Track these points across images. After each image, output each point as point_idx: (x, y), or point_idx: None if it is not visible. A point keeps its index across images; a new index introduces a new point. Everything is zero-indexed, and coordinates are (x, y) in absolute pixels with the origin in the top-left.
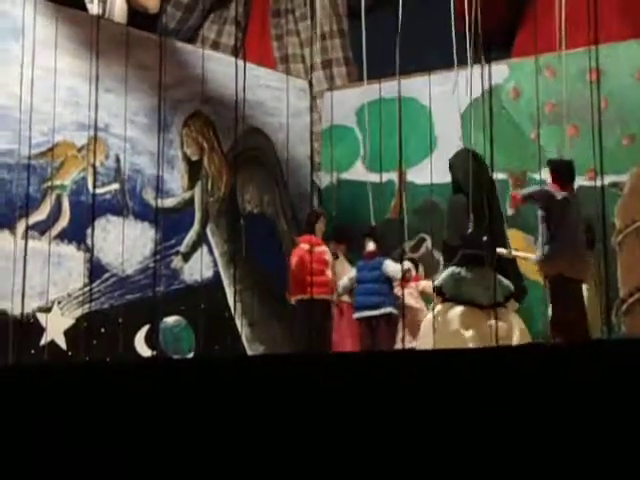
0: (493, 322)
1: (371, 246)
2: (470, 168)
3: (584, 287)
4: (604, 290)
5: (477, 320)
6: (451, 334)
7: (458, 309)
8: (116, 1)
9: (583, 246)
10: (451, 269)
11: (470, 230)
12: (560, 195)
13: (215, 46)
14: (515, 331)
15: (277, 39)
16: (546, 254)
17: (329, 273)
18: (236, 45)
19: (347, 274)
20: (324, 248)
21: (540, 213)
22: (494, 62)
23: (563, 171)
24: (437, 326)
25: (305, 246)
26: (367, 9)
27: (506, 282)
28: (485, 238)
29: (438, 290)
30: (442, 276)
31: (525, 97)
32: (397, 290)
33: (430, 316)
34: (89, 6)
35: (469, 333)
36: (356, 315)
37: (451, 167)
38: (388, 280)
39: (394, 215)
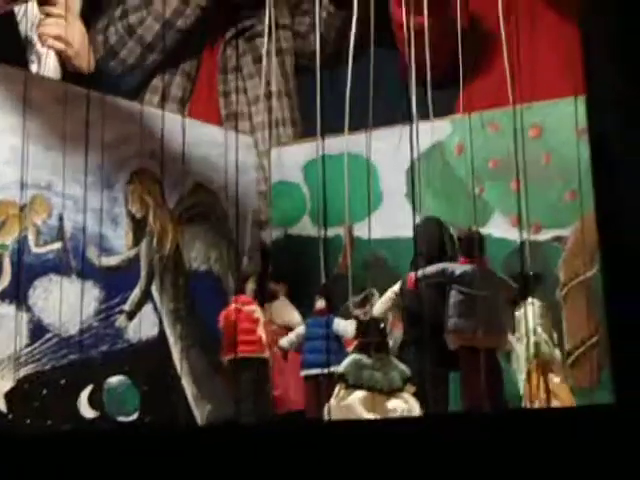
0: (392, 405)
1: (321, 303)
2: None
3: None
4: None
5: (377, 404)
6: (354, 417)
7: (359, 393)
8: (50, 62)
9: (496, 314)
10: (353, 356)
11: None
12: (460, 269)
13: (163, 96)
14: (414, 413)
15: (224, 96)
16: (451, 327)
17: (259, 331)
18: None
19: (294, 321)
20: (253, 307)
21: (447, 287)
22: (437, 118)
23: (466, 245)
24: (339, 411)
25: (237, 305)
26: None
27: (402, 367)
28: (382, 325)
29: (341, 377)
30: (344, 363)
31: (469, 153)
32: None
33: (333, 402)
34: (32, 67)
35: (370, 416)
36: (304, 372)
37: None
38: (337, 338)
39: (342, 270)
